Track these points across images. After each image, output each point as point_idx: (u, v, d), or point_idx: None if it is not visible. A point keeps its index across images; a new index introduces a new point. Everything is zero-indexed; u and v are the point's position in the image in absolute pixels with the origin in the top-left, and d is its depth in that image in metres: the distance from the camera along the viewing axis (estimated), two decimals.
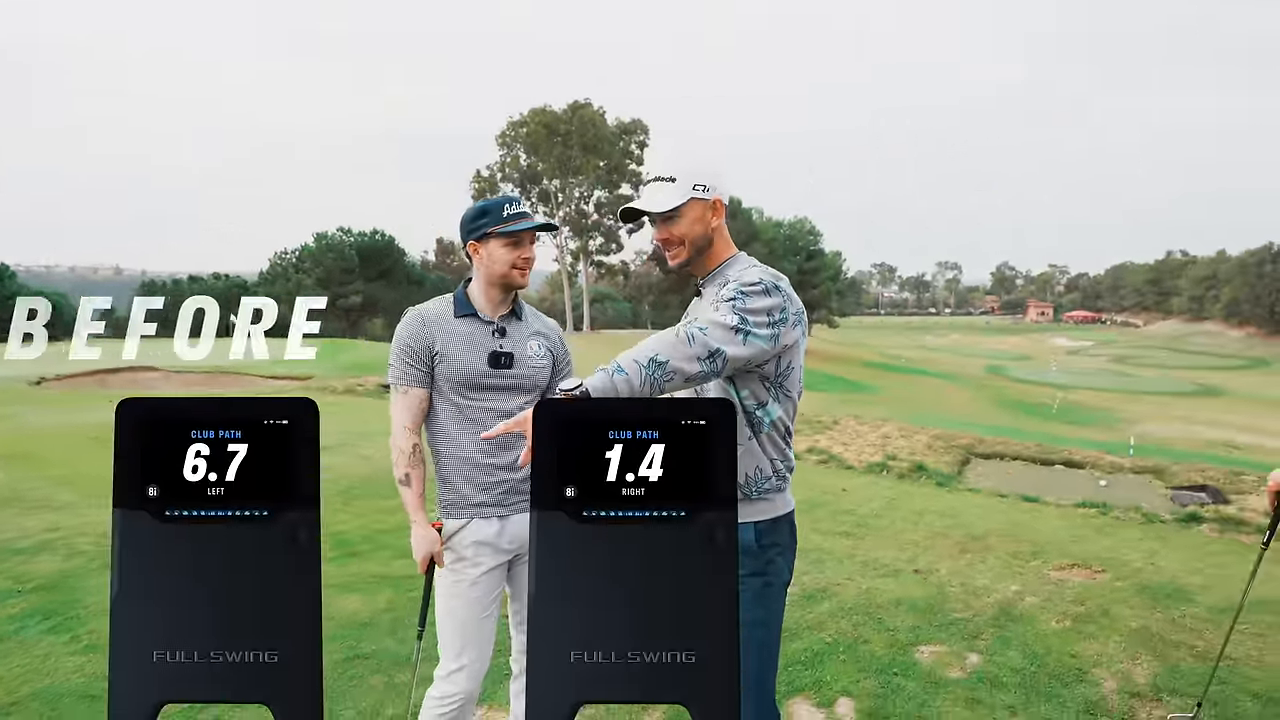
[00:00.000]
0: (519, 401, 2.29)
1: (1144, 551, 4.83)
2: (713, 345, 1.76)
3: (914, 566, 4.55)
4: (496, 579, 2.30)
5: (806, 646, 3.51)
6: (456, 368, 2.22)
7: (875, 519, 5.57)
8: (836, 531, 5.24)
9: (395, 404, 2.26)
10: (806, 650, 3.47)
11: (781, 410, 1.98)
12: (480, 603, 2.26)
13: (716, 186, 2.03)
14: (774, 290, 1.88)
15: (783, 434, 2.00)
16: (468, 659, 2.25)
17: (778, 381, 1.96)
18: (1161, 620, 3.79)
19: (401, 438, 2.23)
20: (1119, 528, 5.40)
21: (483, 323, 2.28)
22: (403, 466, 2.23)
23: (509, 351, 2.27)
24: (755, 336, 1.82)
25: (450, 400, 2.24)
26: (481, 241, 2.25)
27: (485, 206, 2.27)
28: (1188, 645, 3.52)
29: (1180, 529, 5.38)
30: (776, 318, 1.87)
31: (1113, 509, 5.82)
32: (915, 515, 5.66)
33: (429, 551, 2.19)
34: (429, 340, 2.22)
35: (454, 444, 2.25)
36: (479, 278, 2.31)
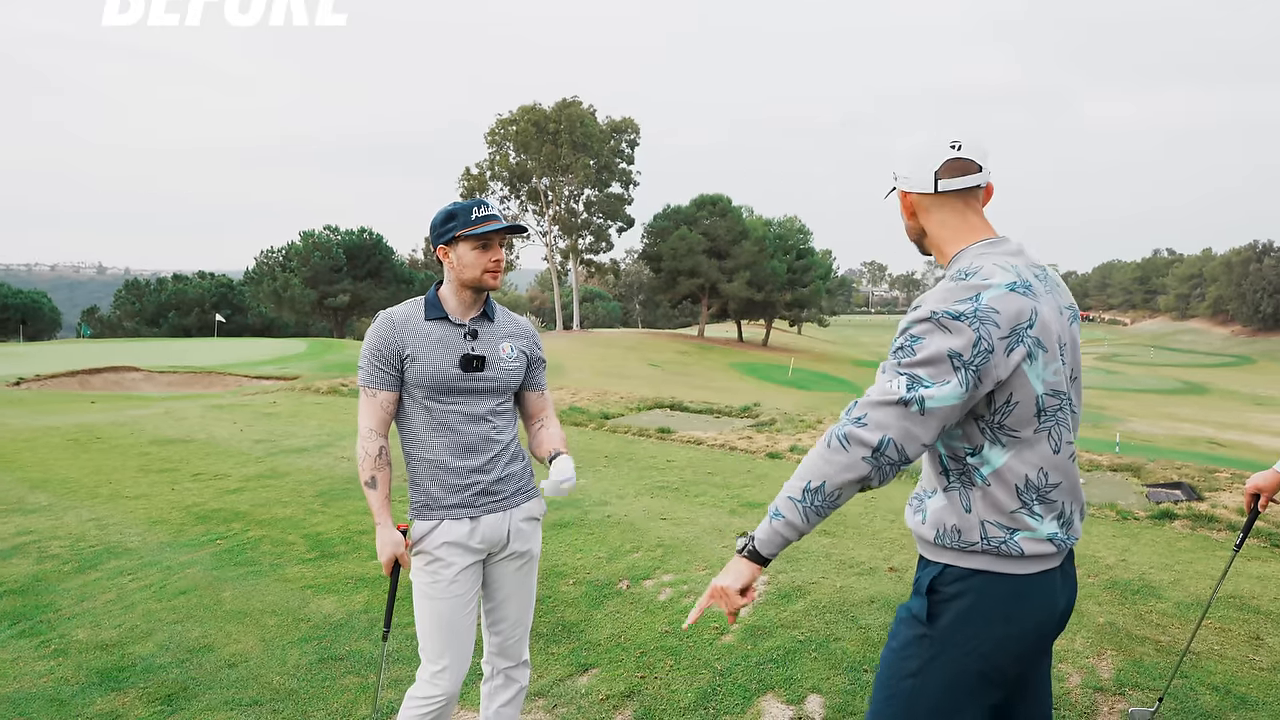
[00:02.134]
0: (491, 404, 2.31)
1: (1116, 549, 4.87)
2: (871, 439, 1.49)
3: (889, 565, 4.59)
4: (473, 577, 2.32)
5: (779, 644, 3.54)
6: (428, 371, 2.23)
7: (854, 518, 5.60)
8: (815, 530, 5.26)
9: (362, 406, 2.27)
10: (778, 648, 3.50)
11: (1009, 457, 1.56)
12: (460, 600, 2.28)
13: (904, 175, 1.71)
14: (957, 321, 1.49)
15: (1015, 492, 1.56)
16: (450, 659, 2.27)
17: (994, 421, 1.56)
18: (1128, 616, 3.83)
19: (368, 440, 2.24)
20: (1093, 524, 5.45)
21: (454, 325, 2.28)
22: (369, 469, 2.23)
23: (481, 354, 2.28)
24: (937, 399, 1.48)
25: (421, 404, 2.25)
26: (451, 245, 2.25)
27: (453, 210, 2.25)
28: (1152, 640, 3.56)
29: (1153, 526, 5.43)
30: (968, 358, 1.49)
31: (1088, 506, 5.86)
32: (894, 514, 5.69)
33: (393, 553, 2.21)
34: (399, 344, 2.23)
35: (425, 447, 2.26)
36: (450, 281, 2.31)
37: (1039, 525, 1.57)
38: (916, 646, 1.62)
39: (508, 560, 2.39)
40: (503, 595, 2.41)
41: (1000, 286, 1.52)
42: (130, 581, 4.47)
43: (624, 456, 7.98)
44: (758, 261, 50.68)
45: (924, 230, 1.73)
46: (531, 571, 2.46)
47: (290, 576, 4.50)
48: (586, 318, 71.87)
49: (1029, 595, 1.58)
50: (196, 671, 3.38)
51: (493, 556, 2.37)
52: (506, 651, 2.46)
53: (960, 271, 1.59)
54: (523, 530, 2.39)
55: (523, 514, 2.40)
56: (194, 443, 8.95)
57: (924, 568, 1.69)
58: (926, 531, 1.66)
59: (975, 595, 1.59)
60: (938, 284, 1.62)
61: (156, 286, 58.80)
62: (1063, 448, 1.60)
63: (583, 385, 19.07)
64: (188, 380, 18.03)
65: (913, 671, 1.61)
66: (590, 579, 4.39)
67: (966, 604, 1.59)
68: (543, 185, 51.58)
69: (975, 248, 1.64)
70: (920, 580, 1.67)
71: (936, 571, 1.64)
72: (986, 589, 1.58)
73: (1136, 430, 28.88)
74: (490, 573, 2.40)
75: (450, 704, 2.30)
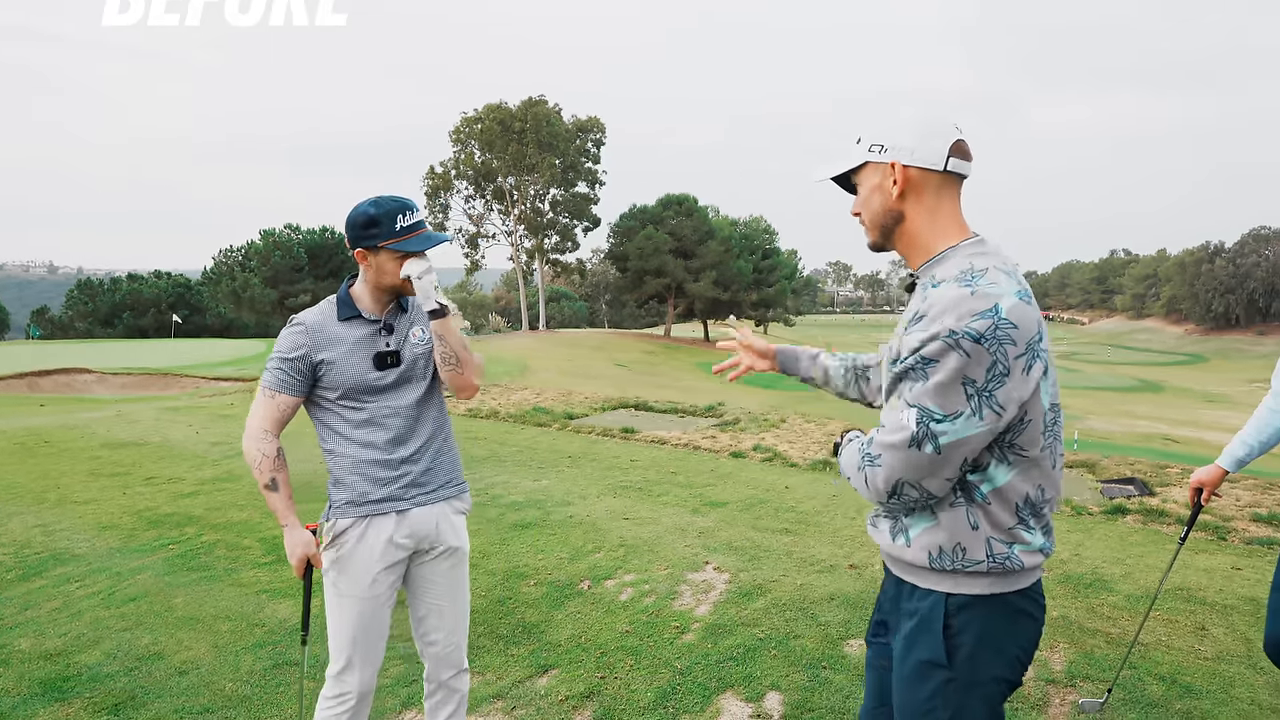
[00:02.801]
0: (414, 395, 2.25)
1: (1070, 544, 4.97)
2: (883, 485, 1.43)
3: (849, 562, 4.63)
4: (394, 577, 2.27)
5: (739, 642, 3.55)
6: (345, 376, 2.17)
7: (816, 516, 5.64)
8: (776, 529, 5.29)
9: (258, 405, 2.18)
10: (739, 646, 3.51)
11: (1014, 475, 1.48)
12: (378, 601, 2.23)
13: (905, 146, 1.50)
14: (978, 345, 1.36)
15: (1014, 509, 1.49)
16: (360, 657, 2.23)
17: (1006, 440, 1.46)
18: (1081, 609, 3.90)
19: (266, 442, 2.16)
20: None
21: (368, 323, 2.22)
22: (267, 471, 2.15)
23: (395, 350, 2.22)
24: (951, 434, 1.38)
25: (343, 404, 2.20)
26: (371, 252, 2.14)
27: (376, 216, 2.11)
28: (1103, 633, 3.63)
29: (1106, 521, 5.55)
30: (982, 382, 1.37)
31: None
32: (855, 512, 5.74)
33: (305, 554, 2.16)
34: (311, 353, 2.15)
35: (348, 443, 2.21)
36: (366, 281, 2.22)
37: (1033, 538, 1.52)
38: (944, 694, 1.52)
39: (438, 559, 2.32)
40: (435, 598, 2.34)
41: (1012, 295, 1.38)
42: (77, 589, 4.35)
43: (587, 457, 7.96)
44: (724, 261, 50.87)
45: (904, 216, 1.54)
46: (463, 570, 2.40)
47: (245, 581, 4.41)
48: (553, 318, 71.65)
49: (1031, 602, 1.55)
50: (145, 680, 3.29)
51: (420, 557, 2.31)
52: (446, 660, 2.39)
53: (967, 275, 1.43)
54: (453, 524, 2.34)
55: (451, 507, 2.34)
56: (147, 446, 8.74)
57: (919, 598, 1.57)
58: (915, 556, 1.55)
59: (985, 619, 1.51)
60: (936, 290, 1.45)
61: (110, 286, 57.39)
62: (1057, 461, 1.54)
63: (548, 385, 19.00)
64: (142, 382, 17.62)
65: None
66: (551, 579, 4.37)
67: (979, 630, 1.51)
68: (508, 184, 51.26)
69: (968, 246, 1.51)
70: (924, 616, 1.55)
71: (938, 602, 1.54)
72: (994, 610, 1.52)
73: (1094, 427, 29.50)
74: (419, 575, 2.33)
75: (363, 702, 2.27)
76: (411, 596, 2.37)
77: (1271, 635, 2.39)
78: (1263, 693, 3.09)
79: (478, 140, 50.14)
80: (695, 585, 4.27)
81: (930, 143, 1.50)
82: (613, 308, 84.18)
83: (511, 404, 12.19)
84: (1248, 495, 6.04)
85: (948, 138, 1.51)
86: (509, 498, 6.17)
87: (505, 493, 6.34)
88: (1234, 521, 5.37)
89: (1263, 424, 2.54)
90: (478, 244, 52.57)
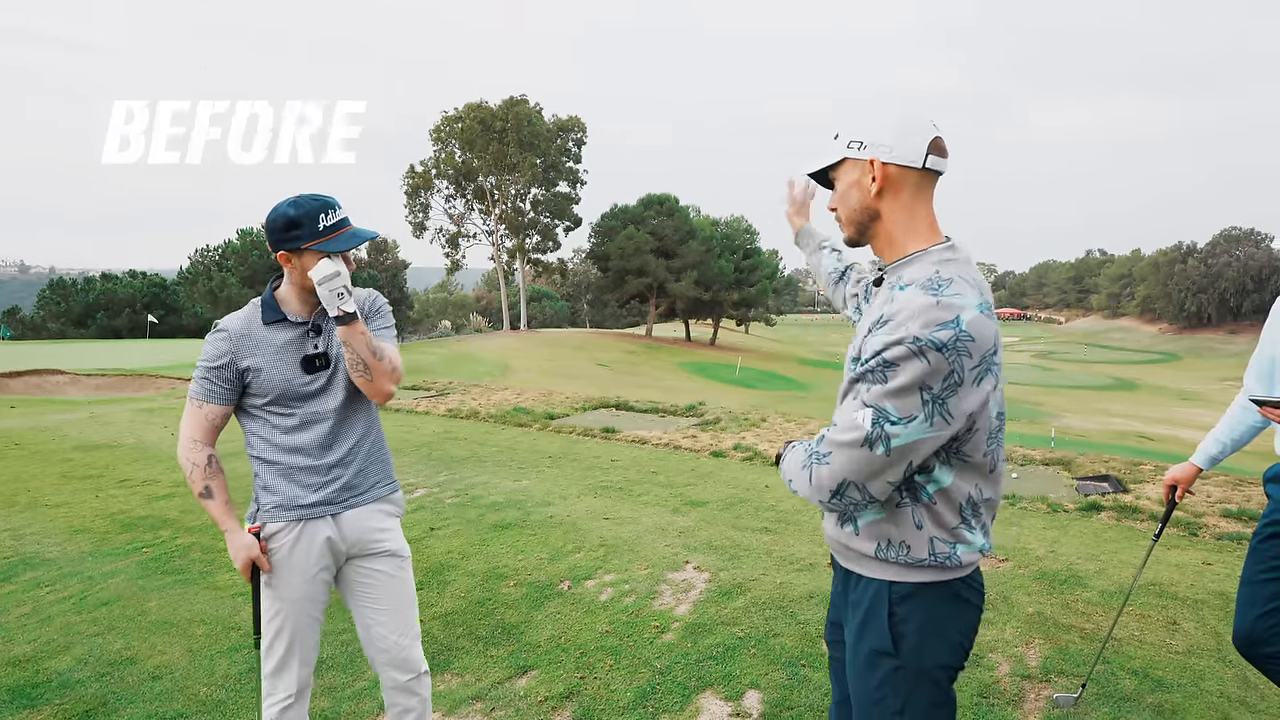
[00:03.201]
0: (343, 397, 2.21)
1: (1046, 540, 5.02)
2: (829, 482, 1.45)
3: (829, 560, 4.64)
4: (328, 579, 2.26)
5: (719, 641, 3.55)
6: (273, 382, 2.12)
7: (795, 515, 5.66)
8: (756, 528, 5.31)
9: (188, 416, 2.15)
10: (718, 645, 3.52)
11: (956, 478, 1.52)
12: (313, 603, 2.22)
13: (884, 143, 1.53)
14: (939, 353, 1.39)
15: (957, 510, 1.54)
16: (296, 657, 2.22)
17: (953, 446, 1.50)
18: (1056, 605, 3.94)
19: (195, 451, 2.13)
20: (1025, 517, 5.60)
21: (295, 325, 2.16)
22: (200, 480, 2.12)
23: (323, 351, 2.17)
24: (903, 437, 1.41)
25: (271, 409, 2.15)
26: (295, 254, 2.08)
27: (296, 218, 2.04)
28: (1078, 628, 3.67)
29: (1081, 518, 5.61)
30: (938, 389, 1.40)
31: (1021, 499, 6.04)
32: None
33: (249, 557, 2.12)
34: (236, 360, 2.11)
35: (280, 451, 2.17)
36: (292, 283, 2.16)
37: (974, 538, 1.57)
38: (893, 681, 1.58)
39: (376, 561, 2.29)
40: (377, 602, 2.30)
41: (973, 308, 1.43)
42: (47, 593, 4.28)
43: (568, 457, 7.94)
44: (705, 261, 50.96)
45: (880, 213, 1.57)
46: (406, 573, 2.36)
47: (220, 584, 4.36)
48: (534, 317, 71.47)
49: (970, 589, 1.61)
50: (117, 685, 3.25)
51: (356, 561, 2.28)
52: (401, 663, 2.33)
53: (933, 282, 1.46)
54: (387, 527, 2.31)
55: (383, 510, 2.31)
56: (121, 448, 8.63)
57: (864, 588, 1.63)
58: (863, 545, 1.61)
59: (928, 607, 1.57)
60: (902, 294, 1.48)
61: (84, 286, 56.54)
62: (998, 466, 1.59)
63: (528, 385, 18.95)
64: (117, 383, 17.38)
65: (898, 709, 1.59)
66: (531, 580, 4.36)
67: (922, 618, 1.57)
68: (489, 184, 51.07)
69: (937, 251, 1.54)
70: (869, 606, 1.62)
71: (881, 591, 1.60)
72: (936, 597, 1.58)
73: (1070, 425, 29.84)
74: (357, 580, 2.30)
75: (301, 701, 2.25)
76: (353, 603, 2.33)
77: (1240, 629, 2.42)
78: (1231, 685, 3.13)
79: (458, 139, 49.92)
80: (675, 585, 4.28)
81: (909, 140, 1.52)
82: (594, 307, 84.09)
83: (492, 404, 12.14)
84: (1219, 492, 6.13)
85: (926, 135, 1.53)
86: (489, 498, 6.15)
87: (485, 493, 6.32)
88: (1205, 518, 5.45)
89: (1235, 422, 2.57)
90: (458, 244, 52.31)
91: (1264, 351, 2.47)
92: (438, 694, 3.15)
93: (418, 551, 4.85)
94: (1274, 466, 2.44)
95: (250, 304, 2.20)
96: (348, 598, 2.34)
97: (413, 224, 51.38)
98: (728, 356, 47.39)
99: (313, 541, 2.19)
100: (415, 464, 7.54)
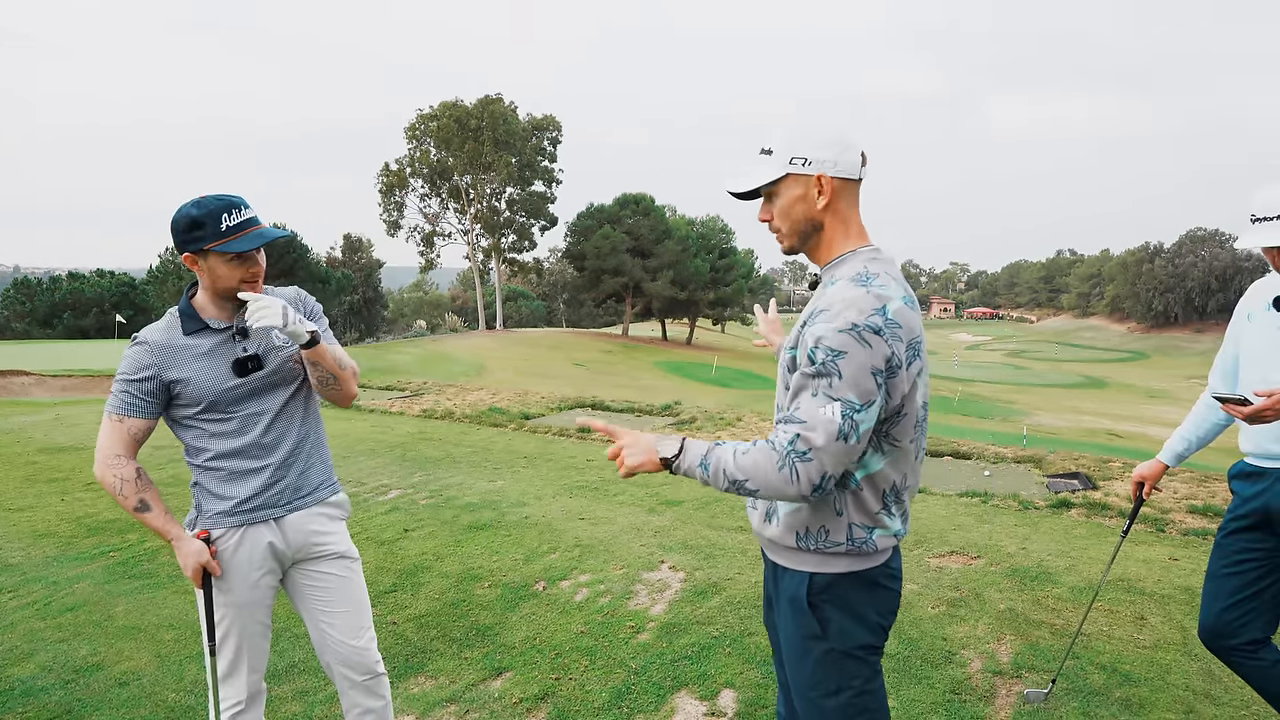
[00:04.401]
0: (282, 399, 2.17)
1: (1018, 537, 5.08)
2: (815, 478, 1.48)
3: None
4: (273, 582, 2.23)
5: (694, 641, 3.56)
6: (204, 390, 2.06)
7: None
8: (731, 527, 5.32)
9: (106, 431, 2.08)
10: (694, 644, 3.52)
11: (885, 465, 1.62)
12: (254, 606, 2.19)
13: (828, 159, 1.61)
14: (877, 336, 1.49)
15: (880, 496, 1.64)
16: (245, 662, 2.19)
17: (883, 430, 1.59)
18: (1027, 601, 3.99)
19: (119, 466, 2.07)
20: (997, 515, 5.66)
21: (217, 331, 2.10)
22: (133, 494, 2.06)
23: (254, 354, 2.11)
24: (865, 423, 1.49)
25: (206, 419, 2.10)
26: (200, 256, 2.01)
27: (198, 217, 1.96)
28: (1049, 624, 3.72)
29: (1052, 515, 5.68)
30: (885, 370, 1.50)
31: (993, 497, 6.10)
32: None
33: (199, 563, 2.07)
34: (159, 372, 2.04)
35: (218, 457, 2.12)
36: (206, 288, 2.10)
37: (892, 523, 1.67)
38: (825, 664, 1.69)
39: (325, 561, 2.26)
40: (330, 600, 2.26)
41: (898, 299, 1.54)
42: (10, 599, 4.19)
43: (543, 457, 7.92)
44: (681, 260, 51.05)
45: (823, 225, 1.65)
46: (358, 573, 2.33)
47: (189, 589, 4.29)
48: (510, 317, 71.18)
49: (886, 575, 1.71)
50: (83, 692, 3.19)
51: (302, 564, 2.26)
52: (357, 665, 2.28)
53: (861, 276, 1.56)
54: (331, 530, 2.28)
55: (327, 511, 2.28)
56: (88, 450, 8.46)
57: (787, 577, 1.73)
58: (783, 537, 1.70)
59: (846, 594, 1.67)
60: (834, 287, 1.58)
61: (50, 285, 55.41)
62: (920, 454, 1.70)
63: (504, 385, 18.88)
64: (84, 384, 17.06)
65: (833, 689, 1.69)
66: (506, 581, 4.34)
67: (842, 605, 1.68)
68: (464, 183, 50.80)
69: (866, 252, 1.64)
70: (793, 597, 1.71)
71: (803, 582, 1.69)
72: (854, 585, 1.67)
73: (1042, 423, 30.27)
74: (305, 583, 2.26)
75: (253, 708, 2.23)
76: (304, 607, 2.29)
77: (1205, 622, 2.47)
78: (1196, 679, 3.19)
79: (434, 138, 49.62)
80: (650, 584, 4.28)
81: (848, 155, 1.63)
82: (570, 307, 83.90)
83: (467, 404, 12.07)
84: (1185, 488, 6.24)
85: (857, 147, 1.64)
86: (463, 499, 6.11)
87: (460, 494, 6.28)
88: (1172, 514, 5.54)
89: (1200, 420, 2.62)
90: (433, 242, 51.99)
91: (1227, 349, 2.52)
92: (411, 696, 3.13)
93: (391, 553, 4.81)
94: (1238, 463, 2.48)
95: (168, 314, 2.13)
96: (298, 603, 2.30)
97: (387, 222, 51.03)
98: (704, 356, 47.51)
99: (255, 546, 2.15)
100: (389, 465, 7.47)
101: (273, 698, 3.09)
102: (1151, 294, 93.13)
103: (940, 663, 3.34)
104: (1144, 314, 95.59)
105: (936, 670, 3.28)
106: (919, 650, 3.45)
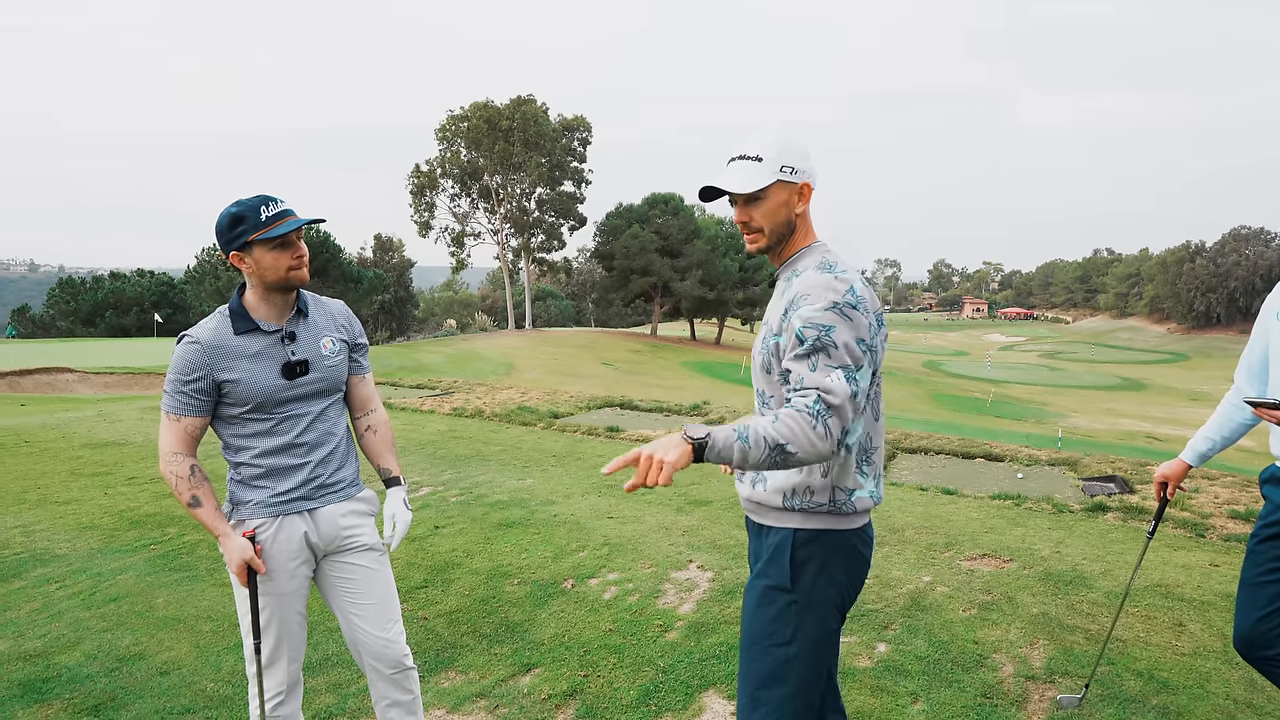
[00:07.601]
0: (323, 405, 2.25)
1: (1051, 541, 5.01)
2: (839, 431, 1.59)
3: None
4: (307, 573, 2.28)
5: (722, 640, 3.56)
6: (253, 391, 2.13)
7: None
8: None
9: (164, 430, 2.14)
10: (722, 644, 3.52)
11: (863, 427, 1.79)
12: (296, 596, 2.25)
13: (809, 169, 1.82)
14: (855, 310, 1.67)
15: (856, 458, 1.80)
16: (284, 652, 2.24)
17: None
18: (1060, 605, 3.94)
19: (175, 463, 2.13)
20: (1030, 518, 5.59)
21: (268, 333, 2.16)
22: (187, 490, 2.13)
23: (303, 359, 2.19)
24: (863, 381, 1.65)
25: (250, 416, 2.17)
26: (245, 251, 2.10)
27: (239, 213, 2.08)
28: (1082, 629, 3.67)
29: (1086, 518, 5.60)
30: (870, 341, 1.69)
31: (1026, 500, 6.02)
32: None
33: (245, 560, 2.12)
34: (210, 371, 2.10)
35: (259, 455, 2.19)
36: (254, 286, 2.16)
37: (866, 484, 1.82)
38: (786, 615, 1.80)
39: (355, 553, 2.32)
40: (359, 592, 2.31)
41: (859, 281, 1.74)
42: (57, 589, 4.31)
43: (572, 455, 7.96)
44: (710, 260, 50.94)
45: (795, 227, 1.84)
46: (386, 566, 2.39)
47: (227, 581, 4.38)
48: (539, 316, 71.51)
49: (862, 541, 1.86)
50: (126, 680, 3.27)
51: (333, 556, 2.31)
52: (386, 656, 2.33)
53: (825, 264, 1.77)
54: (361, 524, 2.34)
55: (356, 507, 2.34)
56: (130, 445, 8.67)
57: (771, 534, 1.86)
58: (771, 498, 1.84)
59: (826, 552, 1.81)
60: (803, 277, 1.76)
61: (93, 285, 56.79)
62: (880, 415, 1.86)
63: (533, 385, 18.99)
64: (125, 381, 17.46)
65: (786, 640, 1.80)
66: (535, 579, 4.37)
67: (820, 562, 1.81)
68: (494, 183, 51.13)
69: (820, 247, 1.86)
70: (775, 548, 1.83)
71: (787, 536, 1.82)
72: (834, 544, 1.81)
73: (1078, 425, 29.75)
74: (335, 575, 2.32)
75: (292, 698, 2.28)
76: (334, 599, 2.35)
77: (1240, 632, 2.41)
78: (1238, 688, 3.13)
79: (464, 139, 49.99)
80: (679, 584, 4.28)
81: (815, 164, 1.85)
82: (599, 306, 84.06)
83: (496, 403, 12.16)
84: (1226, 493, 6.11)
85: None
86: (493, 497, 6.16)
87: (489, 492, 6.33)
88: (1212, 519, 5.43)
89: (1225, 419, 2.56)
90: (464, 243, 52.39)
91: (1254, 346, 2.45)
92: (442, 691, 3.17)
93: (422, 549, 4.87)
94: (1271, 468, 2.42)
95: (217, 313, 2.18)
96: (328, 595, 2.36)
97: (418, 223, 51.50)
98: (733, 356, 47.37)
99: (292, 535, 2.21)
100: (420, 462, 7.56)
101: (307, 690, 3.15)
102: (1193, 294, 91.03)
103: (971, 666, 3.31)
104: (1184, 314, 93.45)
105: (968, 674, 3.25)
106: (950, 653, 3.42)
